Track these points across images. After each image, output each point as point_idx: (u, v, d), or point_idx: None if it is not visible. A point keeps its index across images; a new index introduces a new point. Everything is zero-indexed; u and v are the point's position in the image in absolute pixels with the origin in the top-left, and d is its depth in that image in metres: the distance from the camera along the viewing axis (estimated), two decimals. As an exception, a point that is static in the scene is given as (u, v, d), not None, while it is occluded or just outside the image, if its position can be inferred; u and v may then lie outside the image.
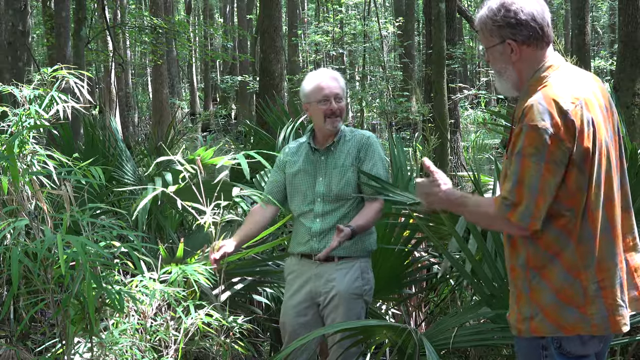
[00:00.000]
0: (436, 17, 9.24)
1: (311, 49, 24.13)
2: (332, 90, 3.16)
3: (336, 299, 3.12)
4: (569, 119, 1.94)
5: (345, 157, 3.19)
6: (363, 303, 3.17)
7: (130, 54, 25.40)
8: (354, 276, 3.14)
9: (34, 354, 3.38)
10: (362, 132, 3.27)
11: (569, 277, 2.01)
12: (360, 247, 3.17)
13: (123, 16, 20.07)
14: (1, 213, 2.55)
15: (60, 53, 8.06)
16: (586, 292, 2.01)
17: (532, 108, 1.96)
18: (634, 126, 7.30)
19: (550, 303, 2.03)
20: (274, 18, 9.30)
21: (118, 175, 4.95)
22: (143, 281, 2.87)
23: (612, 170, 2.06)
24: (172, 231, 4.54)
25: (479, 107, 19.12)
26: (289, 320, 3.23)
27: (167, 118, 16.03)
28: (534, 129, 1.94)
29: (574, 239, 2.01)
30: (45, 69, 2.87)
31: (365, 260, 3.21)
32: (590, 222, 2.01)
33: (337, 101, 3.17)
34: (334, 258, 3.13)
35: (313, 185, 3.21)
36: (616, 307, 2.03)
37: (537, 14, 2.09)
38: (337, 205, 3.16)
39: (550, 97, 1.97)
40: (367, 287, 3.19)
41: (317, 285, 3.17)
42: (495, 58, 2.16)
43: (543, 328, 2.05)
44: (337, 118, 3.17)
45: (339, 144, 3.22)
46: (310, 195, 3.21)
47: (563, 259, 2.02)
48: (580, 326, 2.02)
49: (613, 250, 2.05)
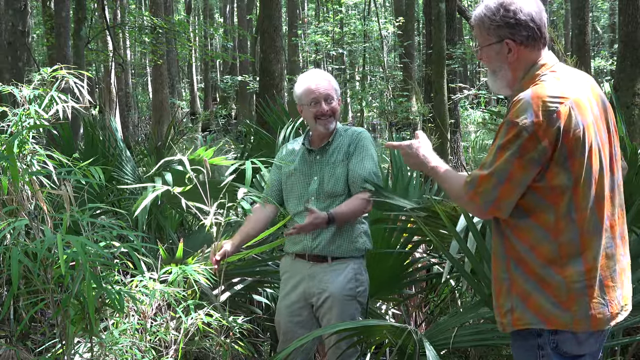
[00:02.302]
0: (436, 17, 9.25)
1: (311, 49, 24.13)
2: (321, 92, 3.15)
3: (329, 301, 3.11)
4: (553, 118, 1.94)
5: (337, 153, 3.18)
6: (357, 304, 3.16)
7: (130, 54, 25.41)
8: (347, 277, 3.13)
9: (34, 354, 3.38)
10: (355, 128, 3.26)
11: (550, 271, 2.02)
12: (353, 247, 3.15)
13: (123, 16, 20.07)
14: (1, 213, 2.55)
15: (60, 53, 8.06)
16: (569, 289, 2.01)
17: (518, 104, 1.99)
18: (634, 126, 7.30)
19: (532, 292, 2.04)
20: (274, 18, 9.30)
21: (118, 175, 4.95)
22: (143, 281, 2.87)
23: (603, 171, 2.05)
24: (172, 231, 4.54)
25: (479, 107, 19.12)
26: (283, 320, 3.23)
27: (167, 118, 16.04)
28: (514, 124, 1.97)
29: (554, 236, 2.01)
30: (45, 69, 2.86)
31: (359, 261, 3.20)
32: (578, 222, 2.01)
33: (328, 102, 3.15)
34: (328, 259, 3.13)
35: (306, 185, 3.20)
36: (598, 306, 2.03)
37: (536, 15, 2.08)
38: (329, 202, 3.14)
39: (538, 95, 1.98)
40: (362, 289, 3.17)
41: (310, 285, 3.16)
42: (491, 57, 2.15)
43: (525, 319, 2.05)
44: (329, 119, 3.16)
45: (334, 143, 3.22)
46: (305, 195, 3.20)
47: (539, 253, 2.03)
48: (562, 321, 2.02)
49: (600, 250, 2.05)
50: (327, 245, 3.12)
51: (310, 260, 3.17)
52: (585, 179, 2.00)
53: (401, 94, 14.70)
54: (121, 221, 2.84)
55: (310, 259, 3.17)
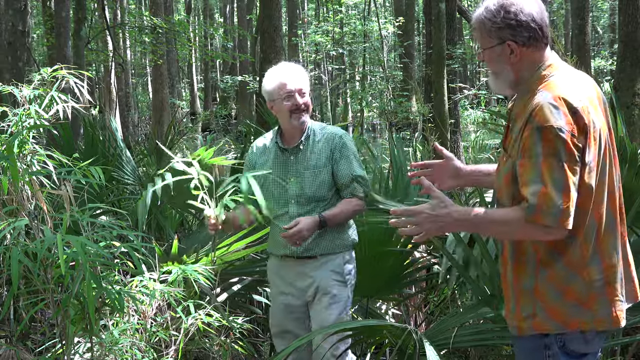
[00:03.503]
0: (436, 17, 9.24)
1: (311, 49, 24.12)
2: (295, 85, 3.03)
3: (320, 290, 3.06)
4: (580, 118, 1.93)
5: (317, 157, 3.07)
6: (349, 292, 3.11)
7: (130, 54, 25.40)
8: (334, 266, 3.08)
9: (34, 354, 3.38)
10: (332, 129, 3.14)
11: (570, 274, 2.01)
12: (339, 244, 3.10)
13: (123, 16, 20.07)
14: (1, 213, 2.55)
15: (60, 53, 8.06)
16: (590, 288, 2.01)
17: (543, 108, 1.93)
18: (634, 126, 7.30)
19: (554, 300, 2.03)
20: (274, 18, 9.29)
21: (118, 175, 4.95)
22: (143, 281, 2.87)
23: (613, 167, 2.06)
24: (172, 231, 4.54)
25: (479, 107, 19.11)
26: (277, 322, 3.19)
27: (167, 118, 16.02)
28: (549, 129, 1.90)
29: (580, 235, 2.00)
30: (45, 69, 2.86)
31: (348, 253, 3.15)
32: (595, 217, 2.01)
33: (302, 95, 3.04)
34: (316, 256, 3.08)
35: (284, 186, 3.09)
36: (617, 302, 2.04)
37: (537, 15, 2.07)
38: (312, 206, 3.05)
39: (559, 96, 1.95)
40: (350, 277, 3.12)
41: (300, 283, 3.11)
42: (493, 59, 2.13)
43: (546, 325, 2.04)
44: (302, 113, 3.04)
45: (308, 142, 3.10)
46: (282, 197, 3.10)
47: (566, 256, 2.01)
48: (583, 321, 2.01)
49: (616, 245, 2.06)
50: (313, 247, 3.07)
51: (298, 259, 3.10)
52: (602, 175, 2.01)
53: (401, 94, 14.69)
54: (121, 221, 2.84)
55: (298, 258, 3.10)
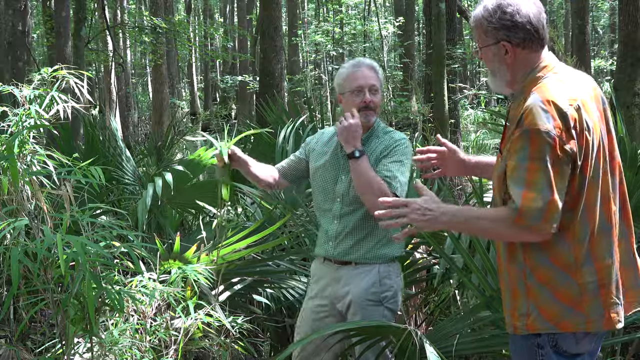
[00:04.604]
0: (436, 17, 9.25)
1: (311, 49, 24.12)
2: (367, 80, 2.94)
3: (352, 307, 2.92)
4: (569, 121, 1.93)
5: (370, 157, 2.92)
6: (385, 311, 2.92)
7: (130, 54, 25.42)
8: (371, 281, 2.91)
9: (34, 354, 3.38)
10: (395, 134, 3.02)
11: (563, 275, 2.01)
12: (377, 254, 2.93)
13: (123, 16, 20.08)
14: (1, 213, 2.55)
15: (60, 53, 8.06)
16: (583, 290, 2.01)
17: (532, 111, 1.94)
18: (634, 126, 7.31)
19: (547, 301, 2.03)
20: (274, 18, 9.30)
21: (118, 175, 4.95)
22: (143, 281, 2.87)
23: (608, 169, 2.06)
24: (172, 231, 4.54)
25: (479, 107, 19.12)
26: (304, 324, 3.05)
27: (167, 118, 16.04)
28: (537, 132, 1.91)
29: (570, 238, 2.00)
30: (45, 69, 2.86)
31: (388, 265, 2.95)
32: (589, 221, 2.01)
33: (372, 93, 2.96)
34: (352, 262, 2.94)
35: (334, 182, 2.98)
36: (612, 305, 2.04)
37: (534, 17, 2.07)
38: (356, 206, 2.92)
39: (548, 98, 1.95)
40: (389, 294, 2.92)
41: (335, 289, 2.97)
42: (489, 58, 2.14)
43: (539, 325, 2.05)
44: (370, 112, 2.95)
45: (369, 143, 2.98)
46: (330, 193, 2.99)
47: (554, 257, 2.02)
48: (576, 323, 2.02)
49: (611, 248, 2.05)
50: (351, 252, 2.94)
51: (336, 263, 2.98)
52: (595, 178, 2.00)
53: (401, 94, 14.70)
54: (121, 221, 2.84)
55: (336, 262, 2.99)
